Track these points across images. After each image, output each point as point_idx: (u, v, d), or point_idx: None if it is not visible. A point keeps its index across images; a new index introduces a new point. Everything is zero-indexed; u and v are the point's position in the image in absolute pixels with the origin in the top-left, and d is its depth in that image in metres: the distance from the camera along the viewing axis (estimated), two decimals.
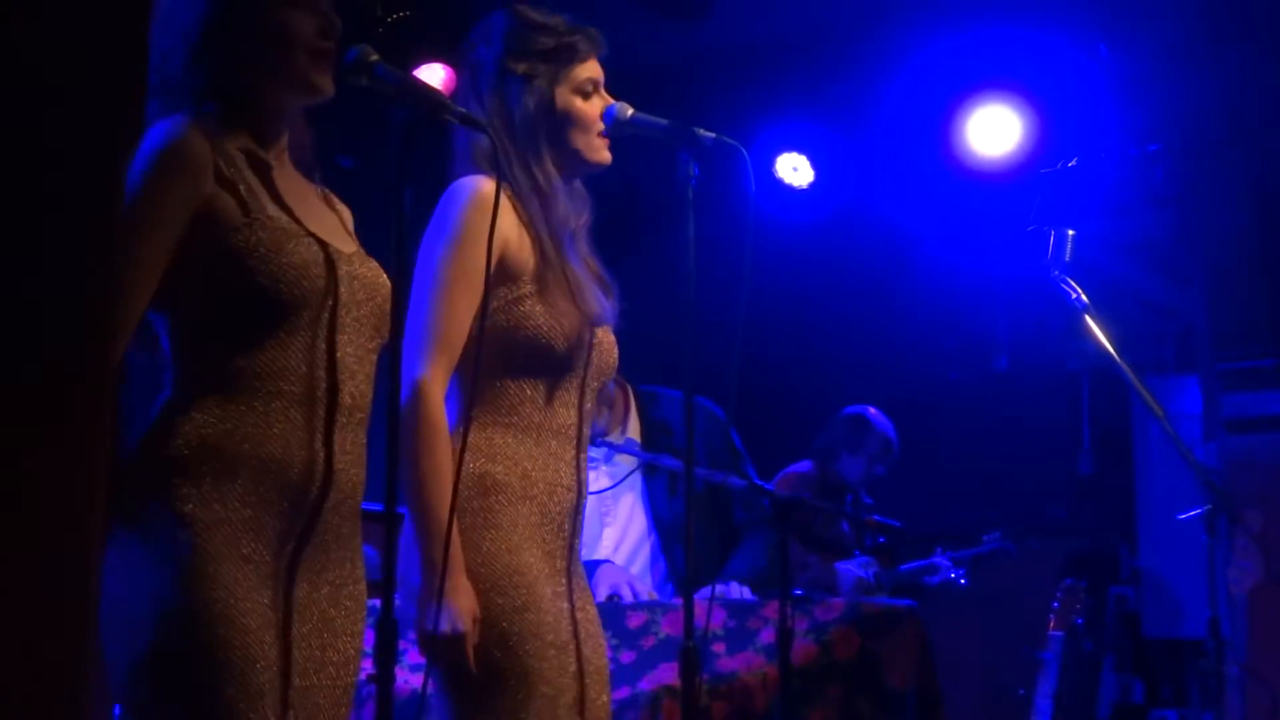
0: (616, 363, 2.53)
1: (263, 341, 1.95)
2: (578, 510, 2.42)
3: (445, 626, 2.16)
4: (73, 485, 1.13)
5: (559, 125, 2.44)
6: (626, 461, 3.69)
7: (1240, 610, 4.58)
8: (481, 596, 2.24)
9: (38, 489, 1.10)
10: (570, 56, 2.44)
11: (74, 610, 1.13)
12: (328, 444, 1.98)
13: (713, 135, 2.46)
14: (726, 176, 2.68)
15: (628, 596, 3.48)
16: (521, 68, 2.43)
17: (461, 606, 2.17)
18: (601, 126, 2.47)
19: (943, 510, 6.45)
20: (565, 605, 2.36)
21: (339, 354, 2.00)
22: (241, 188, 1.96)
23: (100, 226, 1.17)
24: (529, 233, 2.37)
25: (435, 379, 2.25)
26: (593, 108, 2.46)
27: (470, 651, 2.19)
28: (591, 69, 2.48)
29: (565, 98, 2.44)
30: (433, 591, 2.16)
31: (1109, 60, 5.22)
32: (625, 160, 2.58)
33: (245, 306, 1.94)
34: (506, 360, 2.34)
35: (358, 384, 2.03)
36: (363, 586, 2.08)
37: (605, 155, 2.49)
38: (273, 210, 1.99)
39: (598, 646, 2.43)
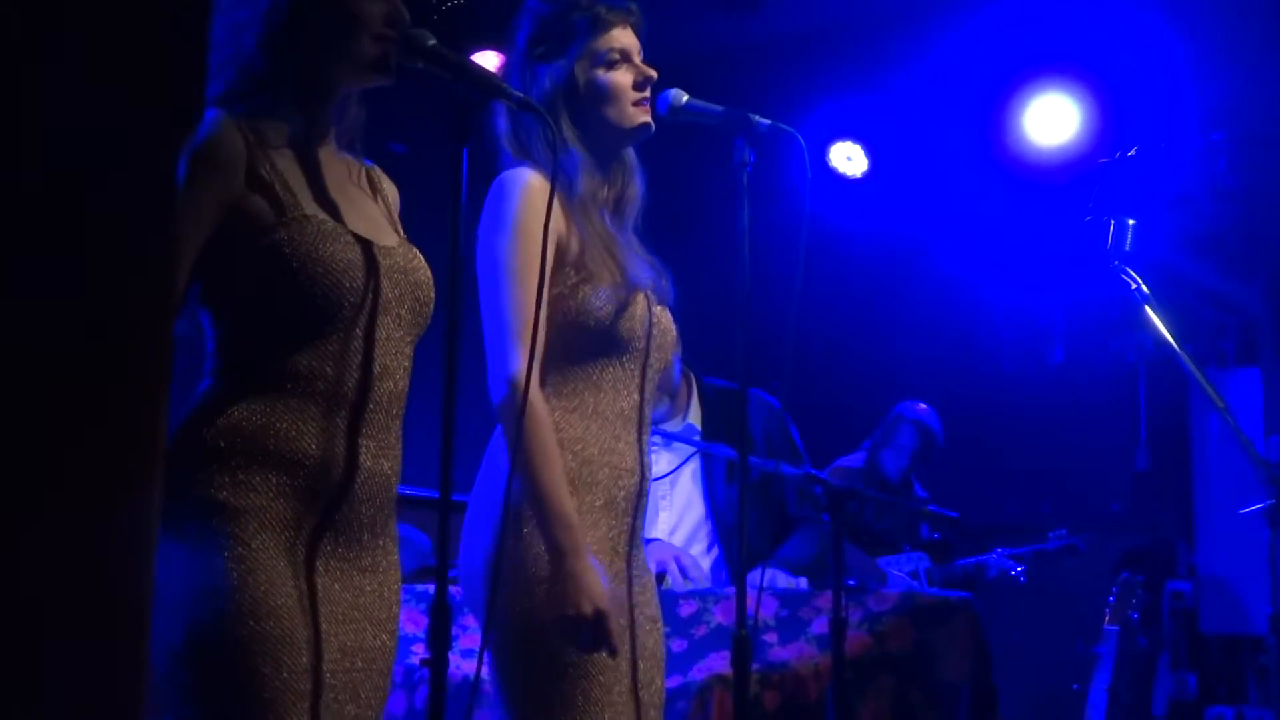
0: (676, 342, 2.50)
1: (299, 340, 1.96)
2: (641, 494, 2.41)
3: (586, 608, 2.16)
4: (125, 468, 1.13)
5: (584, 101, 2.41)
6: (684, 449, 3.70)
7: None
8: (543, 584, 2.24)
9: (89, 471, 1.10)
10: (590, 29, 2.41)
11: (129, 595, 1.14)
12: (358, 441, 1.99)
13: (768, 122, 2.44)
14: (780, 165, 2.66)
15: (675, 574, 3.47)
16: (540, 51, 2.42)
17: (595, 586, 2.18)
18: (635, 96, 2.42)
19: (998, 504, 6.40)
20: (622, 590, 2.35)
21: (376, 351, 2.01)
22: (278, 185, 1.97)
23: (152, 214, 1.18)
24: (565, 216, 2.37)
25: (526, 371, 2.24)
26: (621, 77, 2.41)
27: (614, 628, 2.18)
28: (616, 39, 2.42)
29: (587, 72, 2.40)
30: (564, 575, 2.17)
31: (1172, 48, 5.15)
32: (676, 147, 2.55)
33: (281, 305, 1.96)
34: (567, 346, 2.34)
35: (395, 380, 2.04)
36: (397, 574, 2.09)
37: (642, 119, 2.43)
38: (310, 208, 1.99)
39: (654, 630, 2.42)
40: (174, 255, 1.79)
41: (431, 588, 1.90)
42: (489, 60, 5.00)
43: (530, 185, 2.33)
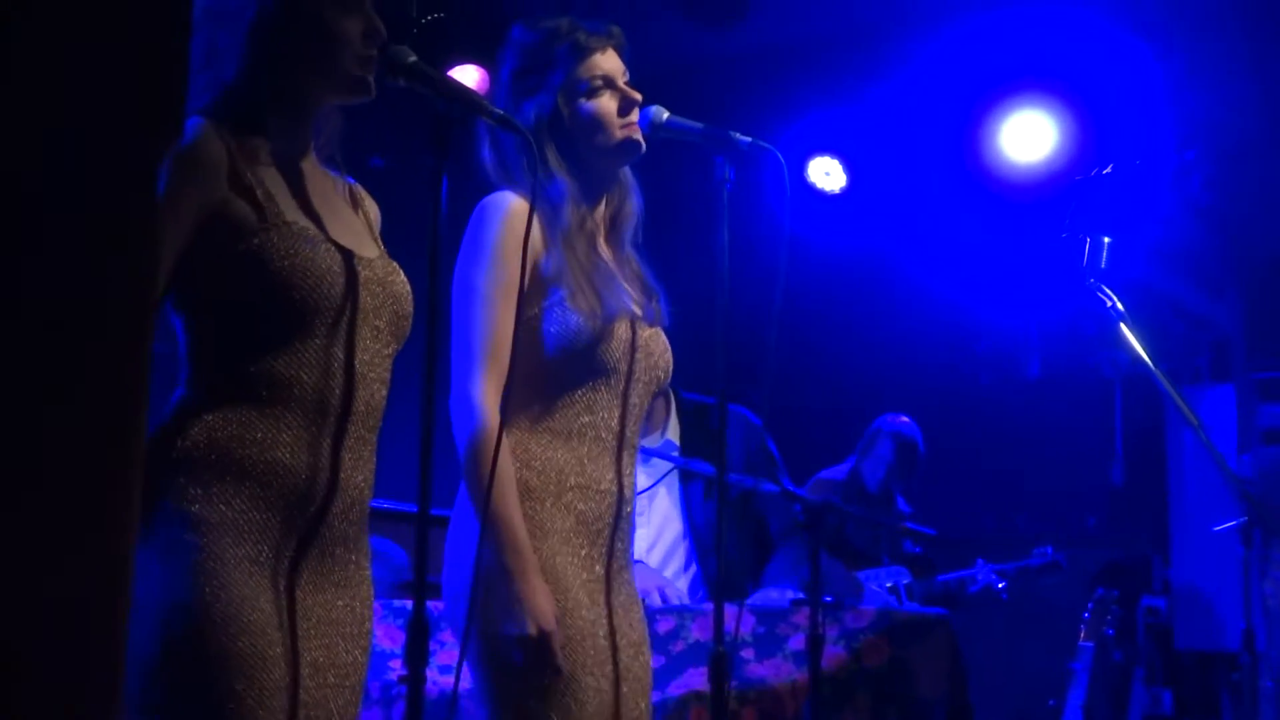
0: (669, 364, 2.50)
1: (277, 346, 1.95)
2: (620, 514, 2.40)
3: (530, 629, 2.18)
4: (103, 473, 1.12)
5: (570, 130, 2.41)
6: (663, 465, 3.69)
7: (1276, 623, 4.54)
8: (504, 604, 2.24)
9: (67, 475, 1.10)
10: (571, 57, 2.41)
11: (106, 603, 1.13)
12: (337, 451, 1.98)
13: (748, 139, 2.45)
14: (758, 180, 2.67)
15: (656, 600, 3.47)
16: (524, 83, 2.43)
17: (542, 607, 2.20)
18: (620, 122, 2.42)
19: (974, 518, 6.42)
20: (602, 611, 2.35)
21: (355, 361, 2.00)
22: (259, 192, 1.96)
23: (133, 222, 1.17)
24: (545, 241, 2.37)
25: (489, 392, 2.28)
26: (605, 103, 2.42)
27: (557, 649, 2.20)
28: (598, 65, 2.42)
29: (570, 101, 2.41)
30: (513, 597, 2.19)
31: (1147, 66, 5.18)
32: (657, 163, 2.56)
33: (260, 311, 1.94)
34: (541, 369, 2.34)
35: (372, 390, 2.03)
36: (368, 589, 2.08)
37: (629, 135, 2.42)
38: (292, 215, 1.99)
39: (639, 653, 2.41)
40: (155, 261, 1.78)
41: (409, 603, 1.90)
42: (468, 75, 5.01)
43: (511, 210, 2.34)
